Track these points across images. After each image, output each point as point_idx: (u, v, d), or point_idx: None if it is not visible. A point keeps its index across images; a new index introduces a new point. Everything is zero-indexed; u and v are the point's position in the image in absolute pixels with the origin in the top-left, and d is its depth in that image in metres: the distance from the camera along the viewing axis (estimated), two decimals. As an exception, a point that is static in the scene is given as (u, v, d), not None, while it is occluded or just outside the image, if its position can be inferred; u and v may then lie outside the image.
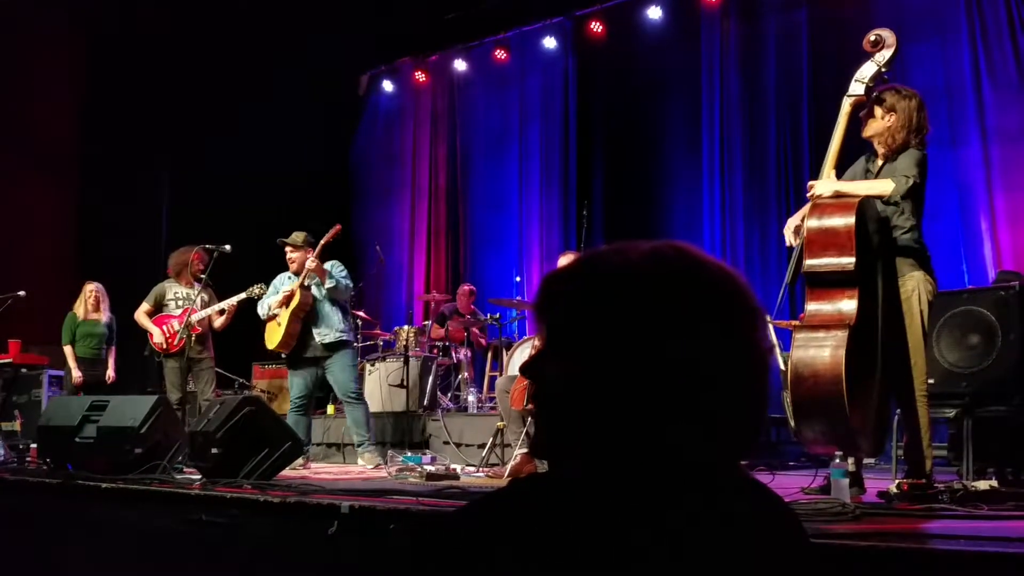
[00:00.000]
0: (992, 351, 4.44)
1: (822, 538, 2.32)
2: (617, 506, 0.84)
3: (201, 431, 4.49)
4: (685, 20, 8.94)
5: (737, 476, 0.91)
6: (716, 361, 0.87)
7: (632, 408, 0.86)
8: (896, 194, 3.57)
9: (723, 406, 0.88)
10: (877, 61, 3.82)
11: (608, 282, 0.90)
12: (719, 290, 0.91)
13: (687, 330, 0.87)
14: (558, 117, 9.90)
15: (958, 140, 7.27)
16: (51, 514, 4.33)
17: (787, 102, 8.33)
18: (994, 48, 7.25)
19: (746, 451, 0.92)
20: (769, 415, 4.79)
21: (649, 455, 0.87)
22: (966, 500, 3.19)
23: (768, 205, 8.36)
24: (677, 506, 0.84)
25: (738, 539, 0.84)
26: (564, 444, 0.93)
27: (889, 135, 3.71)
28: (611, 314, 0.88)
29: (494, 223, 10.38)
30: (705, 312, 0.88)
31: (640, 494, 0.85)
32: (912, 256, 3.66)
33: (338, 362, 6.09)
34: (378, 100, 11.45)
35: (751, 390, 0.91)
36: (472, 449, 6.62)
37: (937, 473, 3.74)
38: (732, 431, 0.90)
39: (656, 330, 0.87)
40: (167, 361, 6.85)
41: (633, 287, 0.88)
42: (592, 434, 0.89)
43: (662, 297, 0.88)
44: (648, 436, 0.87)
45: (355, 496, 3.49)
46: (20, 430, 7.85)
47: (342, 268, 6.26)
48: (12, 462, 6.07)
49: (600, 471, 0.88)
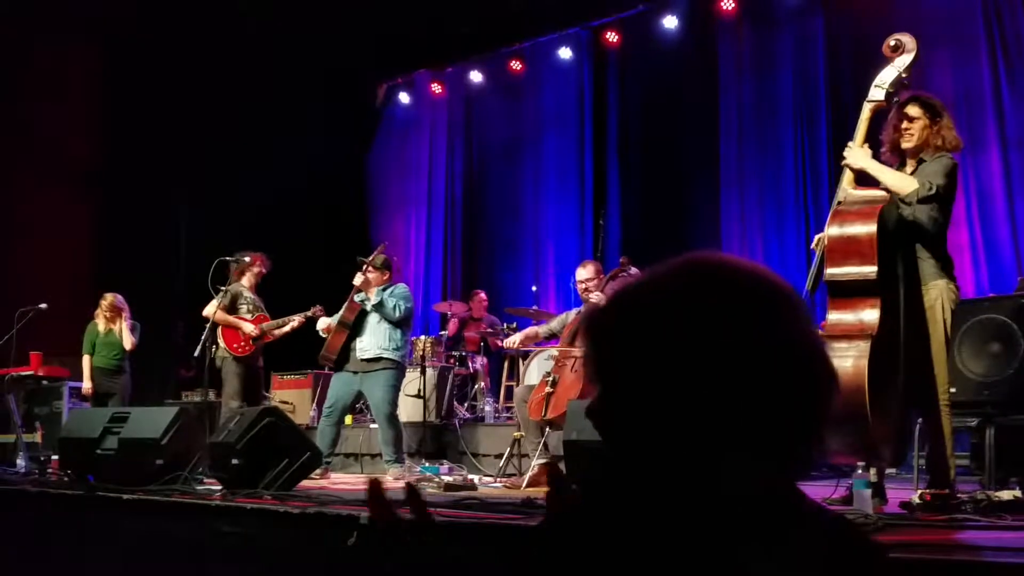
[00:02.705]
0: (1014, 359, 4.40)
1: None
2: (684, 540, 0.81)
3: (222, 442, 4.52)
4: (701, 29, 8.93)
5: (805, 505, 0.86)
6: (769, 367, 0.83)
7: (694, 435, 0.83)
8: (914, 196, 3.55)
9: (783, 416, 0.84)
10: (897, 66, 3.80)
11: (646, 313, 0.87)
12: (758, 294, 0.87)
13: (731, 342, 0.83)
14: (573, 127, 9.91)
15: (978, 147, 7.21)
16: (73, 525, 4.35)
17: (804, 110, 8.29)
18: (1013, 56, 7.21)
19: (809, 468, 0.89)
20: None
21: (715, 484, 0.83)
22: (989, 511, 3.16)
23: (786, 214, 8.32)
24: (744, 542, 0.80)
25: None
26: (633, 477, 0.89)
27: (930, 138, 3.70)
28: (656, 344, 0.85)
29: (510, 233, 10.39)
30: (747, 320, 0.84)
31: (703, 528, 0.81)
32: (935, 264, 3.63)
33: (377, 379, 6.12)
34: (394, 111, 11.51)
35: (810, 389, 0.86)
36: (489, 459, 6.62)
37: (959, 482, 3.71)
38: (794, 444, 0.85)
39: (703, 349, 0.83)
40: (234, 366, 6.77)
41: (671, 311, 0.85)
42: (659, 464, 0.85)
43: (700, 314, 0.84)
44: (713, 463, 0.83)
45: (374, 507, 3.48)
46: (41, 442, 7.90)
47: (404, 291, 6.29)
48: (34, 474, 6.10)
49: (671, 501, 0.84)
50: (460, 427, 7.12)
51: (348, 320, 6.20)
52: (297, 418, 8.05)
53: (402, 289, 6.31)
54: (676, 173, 9.17)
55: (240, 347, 6.77)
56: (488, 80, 10.56)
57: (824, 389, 0.87)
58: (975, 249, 7.16)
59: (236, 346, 6.77)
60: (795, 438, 0.86)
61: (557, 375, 5.42)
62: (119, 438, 4.80)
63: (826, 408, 0.87)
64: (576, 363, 5.36)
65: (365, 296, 6.16)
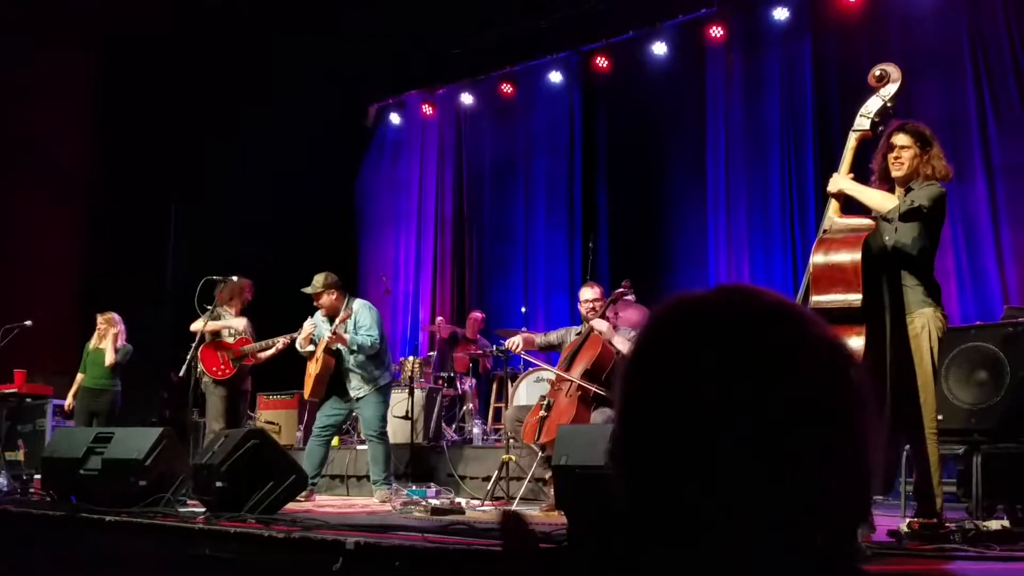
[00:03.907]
0: (1001, 387, 4.41)
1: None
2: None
3: (206, 464, 4.47)
4: (690, 54, 9.01)
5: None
6: (808, 410, 0.77)
7: (733, 482, 0.77)
8: (895, 212, 3.57)
9: (827, 463, 0.77)
10: (883, 96, 3.83)
11: (682, 351, 0.82)
12: (796, 333, 0.82)
13: (769, 383, 0.78)
14: (564, 149, 9.96)
15: (964, 176, 7.28)
16: (54, 547, 4.29)
17: (791, 134, 8.37)
18: (998, 86, 7.30)
19: (858, 521, 0.81)
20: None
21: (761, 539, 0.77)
22: (978, 540, 3.16)
23: (773, 237, 8.37)
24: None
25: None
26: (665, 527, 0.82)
27: (920, 167, 3.72)
28: (696, 381, 0.79)
29: (500, 254, 10.41)
30: (784, 360, 0.79)
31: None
32: (922, 291, 3.64)
33: (368, 399, 6.15)
34: (385, 131, 11.55)
35: (851, 436, 0.79)
36: (477, 482, 6.58)
37: (946, 509, 3.70)
38: (840, 494, 0.78)
39: (744, 389, 0.78)
40: (216, 388, 6.77)
41: (708, 348, 0.80)
42: (698, 517, 0.79)
43: (737, 353, 0.79)
44: (758, 516, 0.77)
45: (360, 532, 3.46)
46: (24, 460, 7.83)
47: (367, 318, 6.17)
48: (16, 493, 6.04)
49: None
50: (448, 449, 7.09)
51: (331, 368, 6.10)
52: (283, 439, 8.00)
53: (364, 315, 6.18)
54: (664, 195, 9.24)
55: (219, 370, 6.76)
56: (479, 102, 10.61)
57: (859, 434, 0.81)
58: (961, 276, 7.21)
59: (215, 369, 6.76)
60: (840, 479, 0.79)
61: (552, 399, 5.40)
62: (102, 458, 4.74)
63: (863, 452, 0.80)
64: (571, 388, 5.35)
65: (337, 344, 6.03)
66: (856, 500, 0.80)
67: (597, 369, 5.36)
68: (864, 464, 0.80)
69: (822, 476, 0.77)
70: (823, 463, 0.77)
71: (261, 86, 9.49)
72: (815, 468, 0.77)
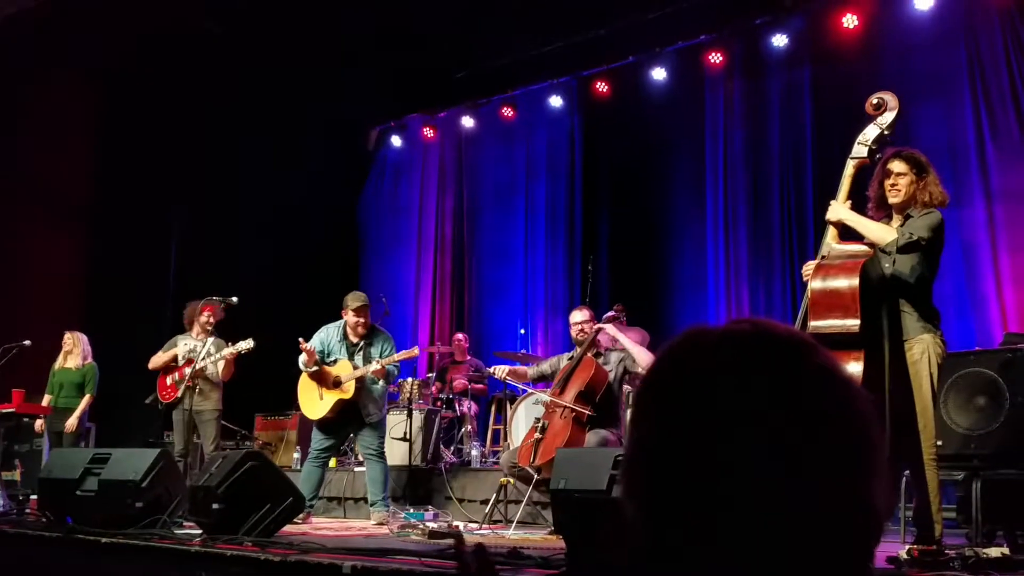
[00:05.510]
0: (1000, 413, 4.41)
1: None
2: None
3: (203, 485, 4.45)
4: (689, 80, 9.07)
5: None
6: (822, 445, 0.78)
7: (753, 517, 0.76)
8: (893, 246, 3.58)
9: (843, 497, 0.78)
10: (880, 124, 3.86)
11: (699, 387, 0.81)
12: (811, 376, 0.81)
13: (789, 418, 0.78)
14: (564, 173, 10.00)
15: (963, 201, 7.30)
16: (50, 568, 4.27)
17: (791, 160, 8.40)
18: (997, 111, 7.33)
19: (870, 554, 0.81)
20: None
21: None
22: (978, 568, 3.14)
23: (772, 261, 8.39)
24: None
25: None
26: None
27: (917, 193, 3.74)
28: (709, 420, 0.79)
29: (499, 276, 10.43)
30: (802, 395, 0.79)
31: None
32: (920, 317, 3.65)
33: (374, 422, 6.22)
34: (387, 154, 11.60)
35: (866, 472, 0.81)
36: (475, 505, 6.55)
37: (945, 535, 3.69)
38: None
39: (758, 425, 0.78)
40: (173, 413, 6.93)
41: (721, 383, 0.80)
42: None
43: (755, 388, 0.79)
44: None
45: (357, 555, 3.44)
46: (20, 480, 7.81)
47: (391, 347, 6.26)
48: (12, 513, 6.01)
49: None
50: (446, 471, 7.06)
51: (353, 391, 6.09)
52: (280, 460, 7.97)
53: (388, 343, 6.26)
54: (664, 219, 9.26)
55: (167, 394, 6.94)
56: (480, 125, 10.67)
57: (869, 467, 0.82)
58: (960, 301, 7.21)
59: (163, 393, 6.96)
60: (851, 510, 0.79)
61: (547, 421, 5.40)
62: (99, 479, 4.72)
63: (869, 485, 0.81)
64: (566, 411, 5.35)
65: (372, 377, 6.05)
66: (869, 534, 0.81)
67: (590, 391, 5.38)
68: (876, 499, 0.81)
69: (842, 508, 0.78)
70: (843, 495, 0.78)
71: (263, 110, 9.53)
72: (835, 500, 0.78)
